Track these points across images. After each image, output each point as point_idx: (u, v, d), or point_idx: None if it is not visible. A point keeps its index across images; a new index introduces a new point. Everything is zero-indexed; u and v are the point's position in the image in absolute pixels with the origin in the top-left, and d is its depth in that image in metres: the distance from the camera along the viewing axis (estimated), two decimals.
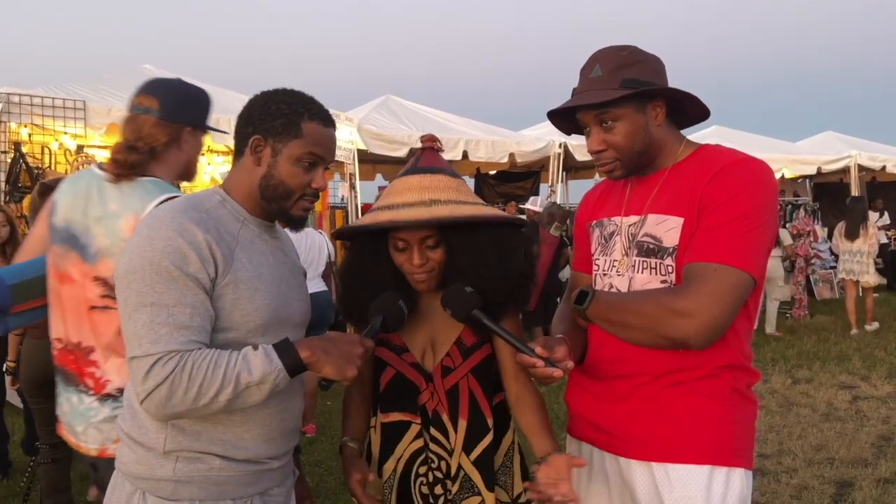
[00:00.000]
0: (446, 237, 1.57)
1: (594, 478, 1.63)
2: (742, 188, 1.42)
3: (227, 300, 1.36)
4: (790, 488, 3.78)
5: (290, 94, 1.45)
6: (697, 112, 1.58)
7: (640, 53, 1.53)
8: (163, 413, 1.30)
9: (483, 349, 1.65)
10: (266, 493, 1.48)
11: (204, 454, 1.38)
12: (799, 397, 5.63)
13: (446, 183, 1.60)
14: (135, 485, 1.39)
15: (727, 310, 1.39)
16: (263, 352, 1.32)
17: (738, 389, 1.51)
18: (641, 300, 1.48)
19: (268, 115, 1.41)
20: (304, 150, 1.42)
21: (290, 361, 1.33)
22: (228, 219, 1.43)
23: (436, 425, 1.63)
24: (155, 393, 1.27)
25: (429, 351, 1.67)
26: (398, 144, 8.01)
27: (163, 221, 1.34)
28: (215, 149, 7.57)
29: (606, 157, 1.54)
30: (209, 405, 1.29)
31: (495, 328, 1.51)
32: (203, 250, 1.32)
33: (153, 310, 1.28)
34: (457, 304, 1.52)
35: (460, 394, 1.64)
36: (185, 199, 1.44)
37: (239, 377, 1.29)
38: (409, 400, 1.65)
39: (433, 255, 1.58)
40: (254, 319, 1.38)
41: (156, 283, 1.29)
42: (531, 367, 1.44)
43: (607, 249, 1.62)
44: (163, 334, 1.27)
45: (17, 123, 5.62)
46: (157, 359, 1.26)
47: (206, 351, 1.30)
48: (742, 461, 1.49)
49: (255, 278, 1.40)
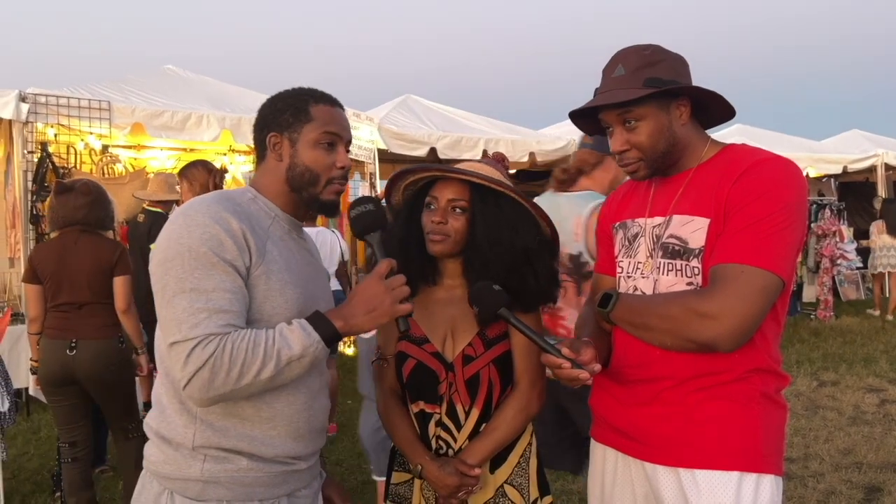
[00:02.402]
0: (475, 205, 1.65)
1: (618, 483, 1.61)
2: (770, 187, 1.39)
3: (260, 290, 1.37)
4: (817, 493, 3.72)
5: (292, 90, 1.51)
6: (722, 111, 1.55)
7: (663, 52, 1.51)
8: (206, 396, 1.30)
9: (506, 341, 1.69)
10: (293, 495, 1.48)
11: (231, 453, 1.39)
12: (825, 400, 5.54)
13: (493, 171, 1.70)
14: (163, 485, 1.40)
15: (755, 312, 1.36)
16: (299, 325, 1.34)
17: (767, 394, 1.48)
18: (667, 303, 1.46)
19: (276, 112, 1.47)
20: (320, 131, 1.45)
21: (325, 332, 1.35)
22: (260, 214, 1.46)
23: (450, 415, 1.69)
24: (197, 376, 1.27)
25: (449, 340, 1.71)
26: (418, 144, 8.02)
27: (199, 210, 1.35)
28: (237, 149, 7.64)
29: (630, 158, 1.52)
30: (252, 384, 1.30)
31: (521, 327, 1.50)
32: (239, 238, 1.34)
33: (192, 295, 1.29)
34: (484, 302, 1.54)
35: (480, 384, 1.68)
36: (218, 193, 1.47)
37: (280, 353, 1.30)
38: (431, 390, 1.70)
39: (455, 221, 1.65)
40: (283, 312, 1.39)
41: (194, 269, 1.30)
42: (557, 368, 1.42)
43: (631, 251, 1.60)
44: (202, 319, 1.28)
45: (43, 124, 5.69)
46: (198, 343, 1.27)
47: (244, 331, 1.31)
48: (772, 467, 1.46)
49: (286, 271, 1.41)
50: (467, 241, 1.66)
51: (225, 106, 6.75)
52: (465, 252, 1.68)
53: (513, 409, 1.68)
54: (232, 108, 6.74)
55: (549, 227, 1.72)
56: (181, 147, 7.28)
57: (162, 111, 6.18)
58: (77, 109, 5.76)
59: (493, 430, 1.67)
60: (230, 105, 6.82)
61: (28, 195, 5.59)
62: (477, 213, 1.65)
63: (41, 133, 5.73)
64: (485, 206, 1.65)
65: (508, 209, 1.66)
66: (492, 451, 1.67)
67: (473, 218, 1.65)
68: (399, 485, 1.78)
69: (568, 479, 4.00)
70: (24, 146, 5.58)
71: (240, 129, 6.48)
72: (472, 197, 1.66)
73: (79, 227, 3.27)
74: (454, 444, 1.69)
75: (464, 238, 1.66)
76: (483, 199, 1.65)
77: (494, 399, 1.69)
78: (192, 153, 7.52)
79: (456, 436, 1.69)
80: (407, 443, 1.72)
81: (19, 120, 5.57)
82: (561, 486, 3.87)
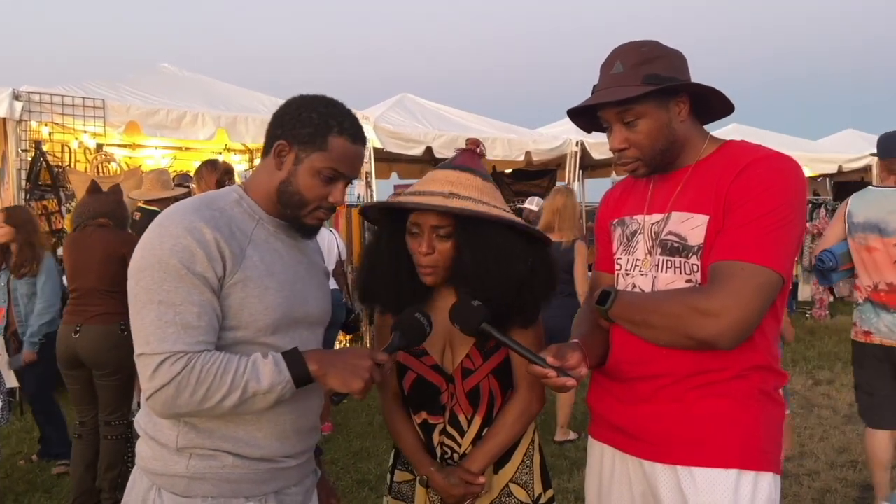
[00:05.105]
0: (458, 232, 1.58)
1: (616, 481, 1.60)
2: (770, 184, 1.39)
3: (236, 299, 1.36)
4: (812, 491, 3.73)
5: (325, 104, 1.43)
6: (721, 107, 1.55)
7: (661, 48, 1.50)
8: (168, 412, 1.32)
9: (503, 349, 1.67)
10: (281, 492, 1.47)
11: (216, 451, 1.39)
12: (820, 399, 5.56)
13: (473, 182, 1.60)
14: (151, 480, 1.41)
15: (755, 310, 1.36)
16: (273, 361, 1.33)
17: (766, 391, 1.48)
18: (666, 300, 1.45)
19: (298, 122, 1.40)
20: (326, 165, 1.41)
21: (298, 373, 1.34)
22: (243, 217, 1.43)
23: (452, 424, 1.68)
24: (161, 392, 1.28)
25: (448, 352, 1.69)
26: (414, 143, 8.00)
27: (173, 220, 1.34)
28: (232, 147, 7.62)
29: (629, 156, 1.51)
30: (214, 409, 1.31)
31: (505, 341, 1.47)
32: (211, 249, 1.32)
33: (160, 308, 1.29)
34: (464, 319, 1.50)
35: (481, 395, 1.67)
36: (199, 197, 1.46)
37: (247, 385, 1.31)
38: (432, 401, 1.69)
39: (441, 247, 1.59)
40: (263, 318, 1.38)
41: (163, 281, 1.30)
42: (543, 378, 1.41)
43: (630, 248, 1.59)
44: (170, 333, 1.28)
45: (37, 122, 5.67)
46: (165, 358, 1.27)
47: (216, 354, 1.31)
48: (770, 465, 1.46)
49: (266, 277, 1.39)
50: (455, 262, 1.60)
51: (220, 104, 6.74)
52: (456, 272, 1.61)
53: (513, 414, 1.68)
54: (227, 106, 6.72)
55: (538, 236, 1.67)
56: (176, 146, 7.26)
57: (157, 109, 6.16)
58: (71, 108, 5.74)
59: (494, 435, 1.66)
60: (225, 103, 6.80)
61: (22, 193, 5.57)
62: (461, 241, 1.58)
63: (35, 131, 5.71)
64: (467, 233, 1.57)
65: (492, 231, 1.57)
66: (494, 457, 1.67)
67: (459, 242, 1.58)
68: (402, 483, 1.78)
69: (564, 477, 4.00)
70: (18, 144, 5.55)
71: (235, 127, 6.47)
72: (455, 223, 1.57)
73: (101, 220, 3.57)
74: (459, 450, 1.68)
75: (452, 261, 1.60)
76: (465, 226, 1.57)
77: (496, 407, 1.68)
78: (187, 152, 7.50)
79: (460, 441, 1.69)
80: (413, 451, 1.71)
81: (13, 118, 5.55)
82: (557, 485, 3.87)
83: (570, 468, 4.14)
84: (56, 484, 4.00)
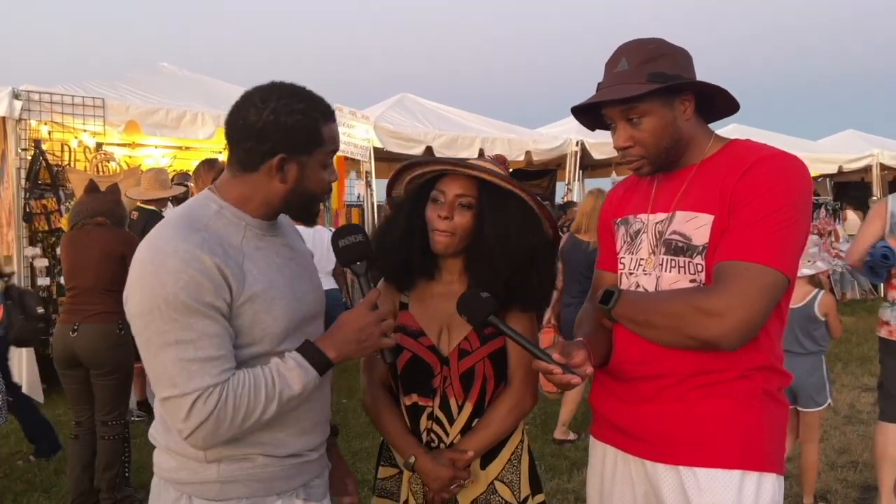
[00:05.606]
0: (482, 203, 1.63)
1: (618, 482, 1.60)
2: (775, 184, 1.38)
3: (246, 318, 1.34)
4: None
5: (297, 99, 1.36)
6: (726, 106, 1.54)
7: (666, 46, 1.49)
8: (210, 444, 1.32)
9: (501, 337, 1.68)
10: (308, 485, 1.48)
11: (247, 455, 1.39)
12: None
13: (500, 170, 1.69)
14: (180, 490, 1.39)
15: (760, 310, 1.35)
16: (296, 364, 1.34)
17: (770, 392, 1.47)
18: (670, 300, 1.44)
19: (286, 130, 1.33)
20: (328, 153, 1.41)
21: (320, 365, 1.37)
22: (229, 229, 1.37)
23: (443, 408, 1.68)
24: (200, 429, 1.27)
25: (445, 334, 1.70)
26: (414, 142, 8.01)
27: (166, 253, 1.27)
28: None
29: (633, 154, 1.50)
30: (254, 425, 1.32)
31: (512, 334, 1.48)
32: (215, 276, 1.28)
33: (179, 347, 1.25)
34: (472, 310, 1.52)
35: (475, 378, 1.68)
36: (179, 218, 1.37)
37: (281, 394, 1.33)
38: (425, 383, 1.69)
39: (461, 217, 1.64)
40: (274, 329, 1.37)
41: (175, 321, 1.25)
42: (548, 374, 1.40)
43: (633, 248, 1.59)
44: (195, 371, 1.26)
45: (37, 121, 5.66)
46: (197, 397, 1.25)
47: (241, 375, 1.30)
48: (773, 466, 1.45)
49: (269, 288, 1.37)
50: (473, 238, 1.65)
51: (220, 103, 6.72)
52: (470, 249, 1.66)
53: (506, 406, 1.68)
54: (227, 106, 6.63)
55: (552, 227, 1.71)
56: (176, 145, 7.24)
57: (156, 109, 6.15)
58: (71, 107, 5.73)
59: (485, 425, 1.67)
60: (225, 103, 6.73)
61: (22, 192, 5.56)
62: (485, 211, 1.63)
63: (35, 130, 5.69)
64: (493, 203, 1.63)
65: (515, 208, 1.65)
66: (484, 447, 1.67)
67: (481, 215, 1.64)
68: (386, 479, 1.77)
69: (563, 478, 3.99)
70: (18, 144, 5.54)
71: None
72: (480, 194, 1.64)
73: (99, 219, 3.55)
74: (446, 439, 1.68)
75: (468, 235, 1.65)
76: (491, 196, 1.64)
77: (488, 394, 1.69)
78: (186, 151, 7.48)
79: (448, 430, 1.69)
80: (397, 434, 1.70)
81: (12, 117, 5.54)
82: (556, 485, 3.86)
83: (570, 468, 4.13)
84: (55, 483, 3.99)
